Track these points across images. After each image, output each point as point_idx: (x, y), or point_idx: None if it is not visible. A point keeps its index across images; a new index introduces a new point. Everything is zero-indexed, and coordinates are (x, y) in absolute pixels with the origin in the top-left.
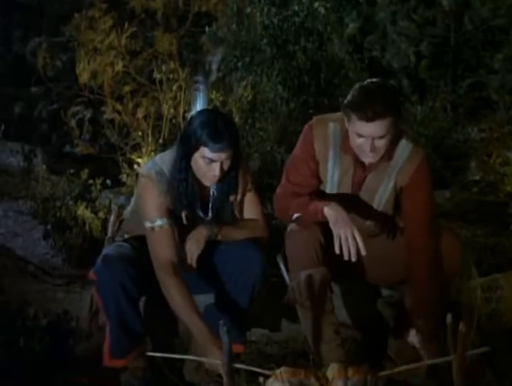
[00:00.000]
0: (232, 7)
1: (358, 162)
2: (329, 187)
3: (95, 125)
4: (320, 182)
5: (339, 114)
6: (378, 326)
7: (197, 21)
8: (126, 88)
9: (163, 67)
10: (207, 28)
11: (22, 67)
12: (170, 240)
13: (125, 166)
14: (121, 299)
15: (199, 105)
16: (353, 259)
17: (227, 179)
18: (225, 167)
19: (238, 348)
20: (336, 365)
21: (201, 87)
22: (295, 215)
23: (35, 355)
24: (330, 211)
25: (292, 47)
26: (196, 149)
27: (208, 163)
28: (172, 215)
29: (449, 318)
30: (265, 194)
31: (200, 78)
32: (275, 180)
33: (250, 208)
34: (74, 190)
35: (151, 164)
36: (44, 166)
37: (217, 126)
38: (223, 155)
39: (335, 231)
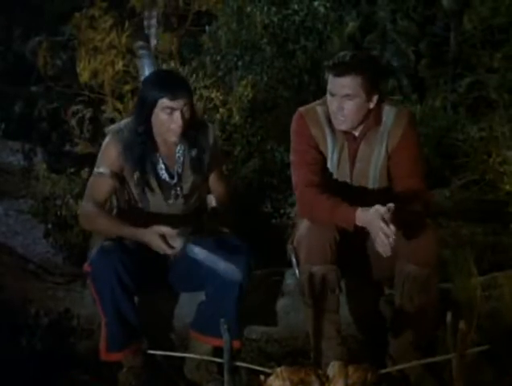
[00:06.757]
0: (232, 6)
1: (350, 135)
2: (330, 164)
3: (95, 124)
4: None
5: (321, 100)
6: (379, 324)
7: (197, 20)
8: (127, 87)
9: (163, 66)
10: (207, 27)
11: (22, 66)
12: (104, 187)
13: None
14: (117, 289)
15: (147, 70)
16: (388, 254)
17: (190, 140)
18: (186, 116)
19: (236, 344)
20: (336, 363)
21: (145, 52)
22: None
23: (36, 353)
24: (362, 217)
25: (292, 46)
26: (155, 105)
27: (170, 114)
28: (132, 179)
29: (449, 316)
30: (265, 192)
31: (142, 43)
32: (275, 179)
33: (218, 182)
34: (74, 188)
35: (116, 125)
36: (44, 165)
37: (169, 77)
38: (181, 102)
39: (373, 234)
